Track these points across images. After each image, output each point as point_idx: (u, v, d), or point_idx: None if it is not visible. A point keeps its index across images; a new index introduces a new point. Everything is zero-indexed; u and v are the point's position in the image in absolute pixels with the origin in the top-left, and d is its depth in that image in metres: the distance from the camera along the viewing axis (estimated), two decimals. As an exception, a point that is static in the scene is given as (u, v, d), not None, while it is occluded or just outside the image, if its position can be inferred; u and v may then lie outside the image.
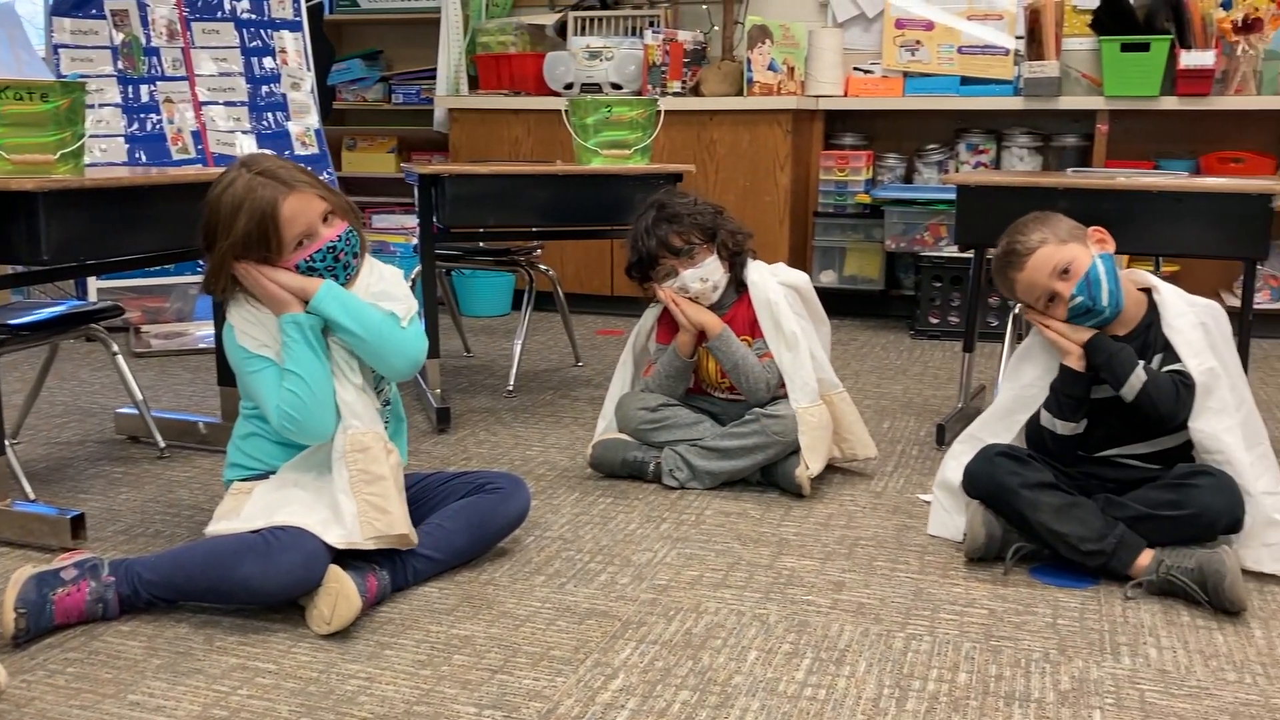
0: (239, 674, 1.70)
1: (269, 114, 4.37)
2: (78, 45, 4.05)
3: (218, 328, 2.42)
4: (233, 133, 4.29)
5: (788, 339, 2.52)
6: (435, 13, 5.03)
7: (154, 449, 2.82)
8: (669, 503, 2.47)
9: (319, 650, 1.78)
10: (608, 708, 1.61)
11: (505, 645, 1.80)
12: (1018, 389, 2.23)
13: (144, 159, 4.10)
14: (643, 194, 2.73)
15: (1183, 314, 2.11)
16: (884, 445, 2.89)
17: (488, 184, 3.06)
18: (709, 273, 2.57)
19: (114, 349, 2.80)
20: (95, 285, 4.10)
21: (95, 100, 3.98)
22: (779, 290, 2.57)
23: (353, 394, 1.96)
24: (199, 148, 4.22)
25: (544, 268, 3.80)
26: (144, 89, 4.15)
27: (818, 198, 4.66)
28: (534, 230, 3.63)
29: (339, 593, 1.82)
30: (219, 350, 2.64)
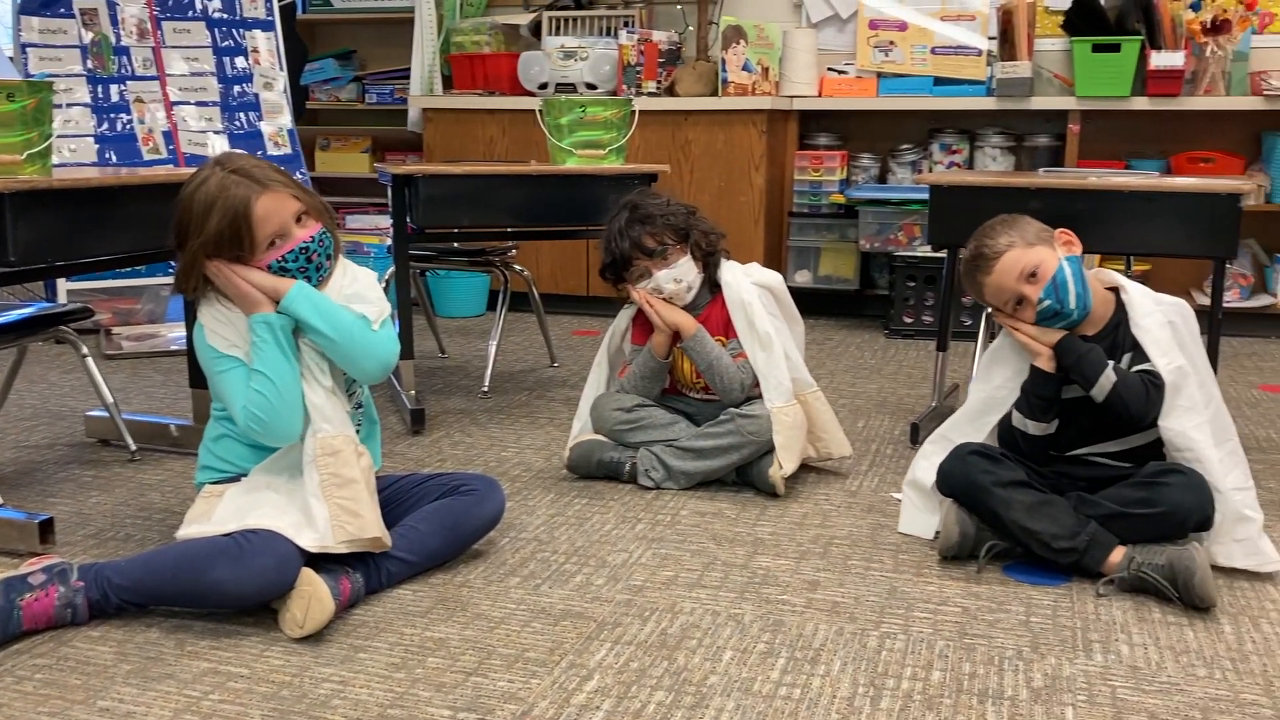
0: (211, 678, 1.69)
1: (241, 114, 4.34)
2: (46, 44, 4.01)
3: (189, 329, 2.40)
4: (204, 133, 4.25)
5: (762, 339, 2.52)
6: (409, 12, 5.01)
7: (125, 452, 2.79)
8: (644, 503, 2.47)
9: (292, 654, 1.76)
10: (583, 709, 1.60)
11: (480, 647, 1.79)
12: (988, 390, 2.24)
13: (114, 159, 4.06)
14: (617, 194, 2.73)
15: (1150, 313, 2.13)
16: (858, 444, 2.90)
17: (461, 184, 3.05)
18: (683, 273, 2.57)
19: (84, 351, 2.77)
20: (65, 287, 4.06)
21: (64, 100, 3.94)
22: (752, 290, 2.57)
23: (322, 397, 1.95)
24: (170, 148, 4.18)
25: (519, 268, 3.79)
26: (114, 88, 4.12)
27: (793, 198, 4.68)
28: (509, 230, 3.62)
29: (312, 596, 1.81)
30: (191, 352, 2.62)
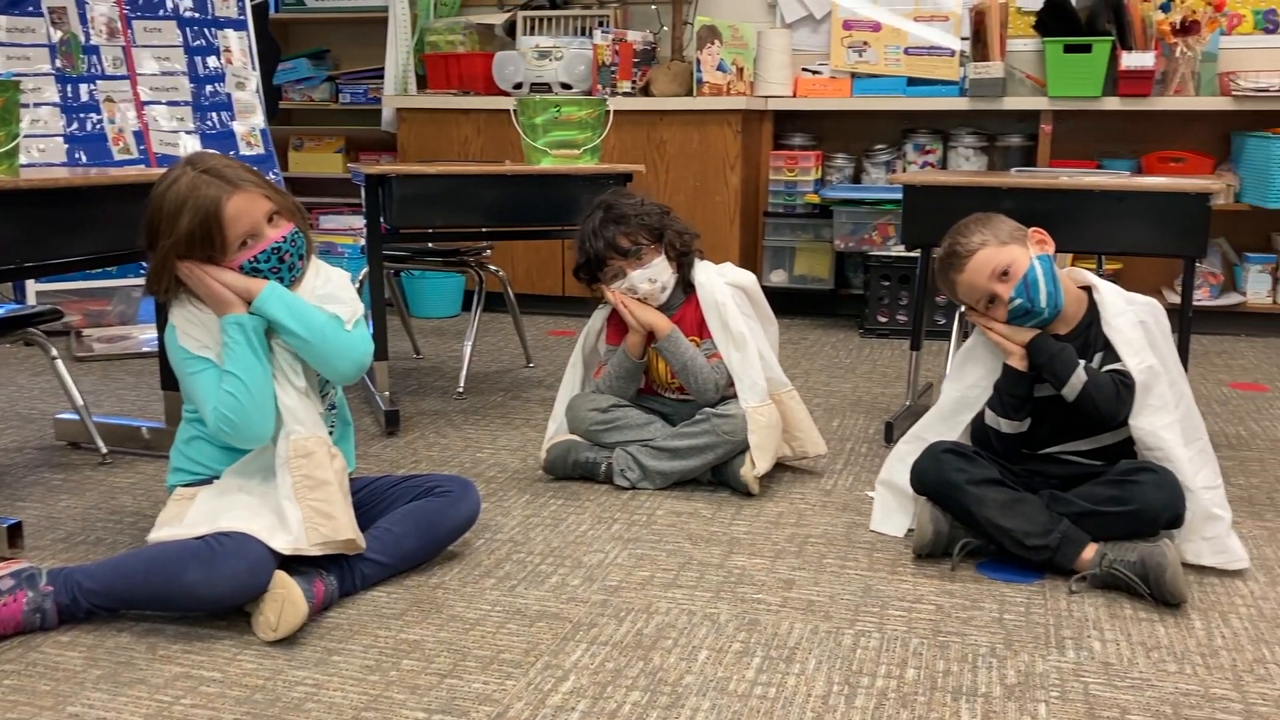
0: (182, 683, 1.67)
1: (213, 114, 4.31)
2: (14, 43, 3.97)
3: (161, 330, 2.38)
4: (176, 133, 4.22)
5: (736, 339, 2.53)
6: (383, 12, 4.99)
7: (95, 455, 2.76)
8: (620, 503, 2.47)
9: (265, 657, 1.75)
10: (558, 710, 1.60)
11: (455, 649, 1.78)
12: (961, 389, 2.25)
13: (84, 159, 4.02)
14: (592, 194, 2.72)
15: (1122, 313, 2.15)
16: (833, 443, 2.90)
17: (435, 184, 3.04)
18: (657, 273, 2.57)
19: (53, 353, 2.75)
20: (34, 288, 4.02)
21: (31, 99, 3.90)
22: (726, 291, 2.58)
23: (295, 399, 1.94)
24: (141, 148, 4.15)
25: (494, 268, 3.79)
26: (83, 88, 4.08)
27: (767, 198, 4.69)
28: (483, 231, 3.61)
29: (285, 599, 1.80)
30: (163, 354, 2.59)
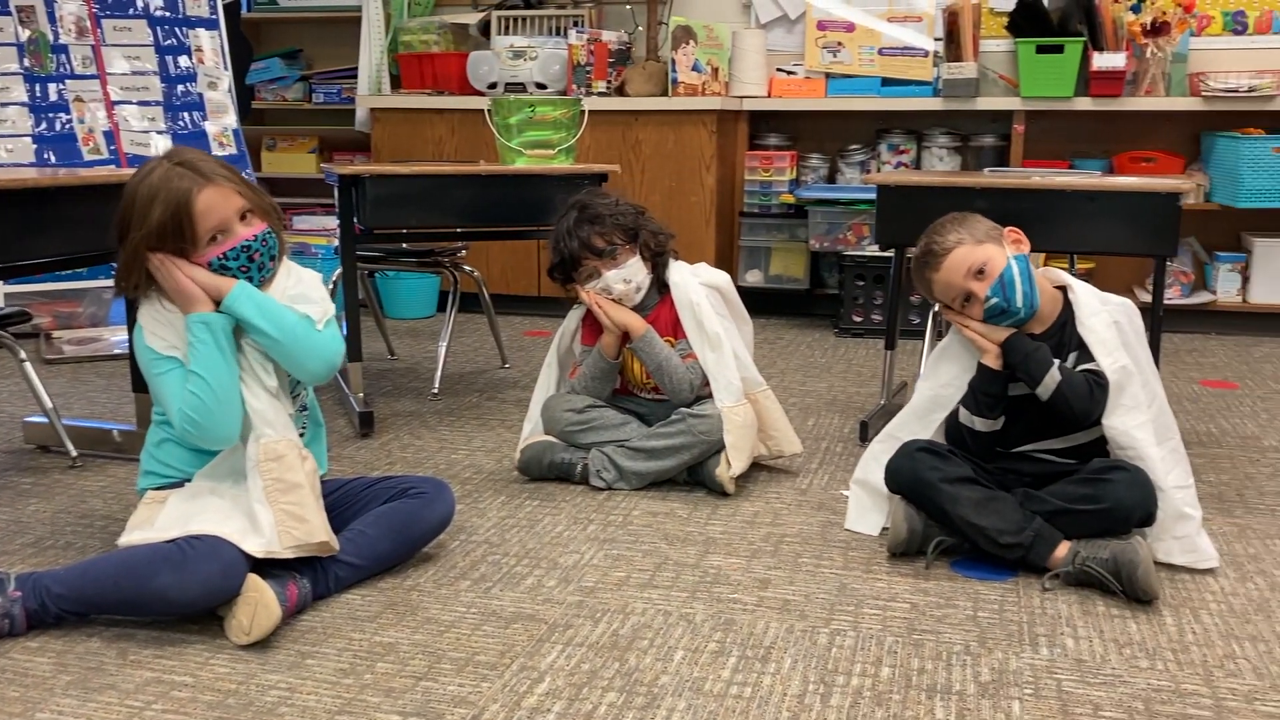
0: (154, 688, 1.66)
1: (185, 114, 4.27)
2: (-19, 42, 3.92)
3: (132, 332, 2.36)
4: (147, 133, 4.18)
5: (710, 339, 2.53)
6: (356, 11, 4.96)
7: (65, 458, 2.74)
8: (596, 504, 2.46)
9: (238, 661, 1.74)
10: (534, 712, 1.60)
11: (430, 651, 1.78)
12: (935, 388, 2.26)
13: (53, 160, 3.98)
14: (567, 194, 2.72)
15: (1096, 312, 2.16)
16: (809, 442, 2.91)
17: (409, 184, 3.02)
18: (631, 274, 2.57)
19: (21, 356, 2.72)
20: (3, 290, 3.97)
21: None
22: (701, 291, 2.58)
23: (264, 401, 1.92)
24: (112, 148, 4.11)
25: (469, 269, 3.77)
26: (52, 87, 4.03)
27: (743, 198, 4.69)
28: (458, 231, 3.60)
29: (258, 602, 1.78)
30: (134, 355, 2.57)
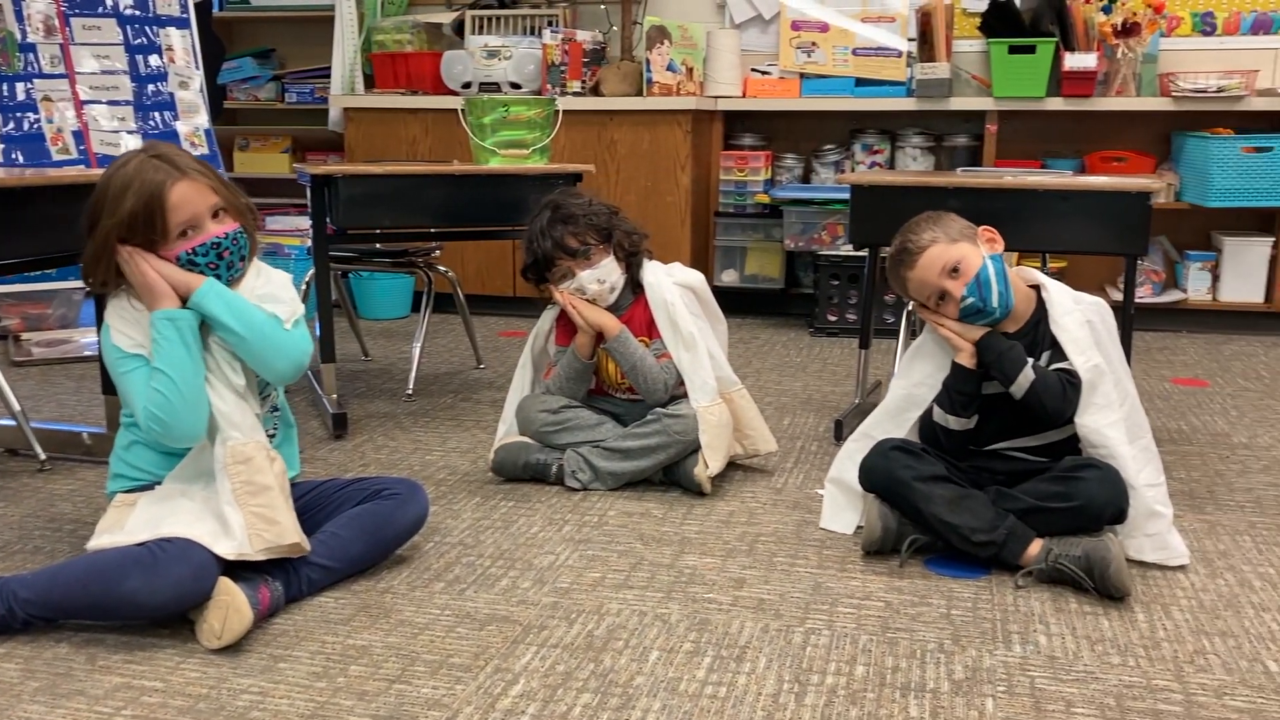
0: (123, 694, 1.64)
1: (156, 113, 4.23)
2: (-52, 41, 3.88)
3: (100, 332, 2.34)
4: (117, 133, 4.14)
5: (685, 339, 2.53)
6: (329, 10, 4.94)
7: (34, 461, 2.70)
8: (571, 505, 2.46)
9: (209, 665, 1.72)
10: (508, 714, 1.59)
11: (403, 654, 1.77)
12: (909, 386, 2.27)
13: (21, 160, 3.94)
14: (541, 194, 2.71)
15: (1069, 312, 2.17)
16: (784, 441, 2.92)
17: (382, 184, 3.01)
18: (605, 274, 2.56)
19: (-11, 358, 2.69)
20: (-30, 292, 3.93)
21: (-33, 98, 3.81)
22: (675, 291, 2.57)
23: (230, 403, 1.91)
24: (81, 148, 4.07)
25: (443, 269, 3.76)
26: (20, 86, 3.99)
27: (718, 198, 4.70)
28: (432, 231, 3.58)
29: (229, 605, 1.77)
30: (103, 357, 2.55)
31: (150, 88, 4.22)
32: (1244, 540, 2.26)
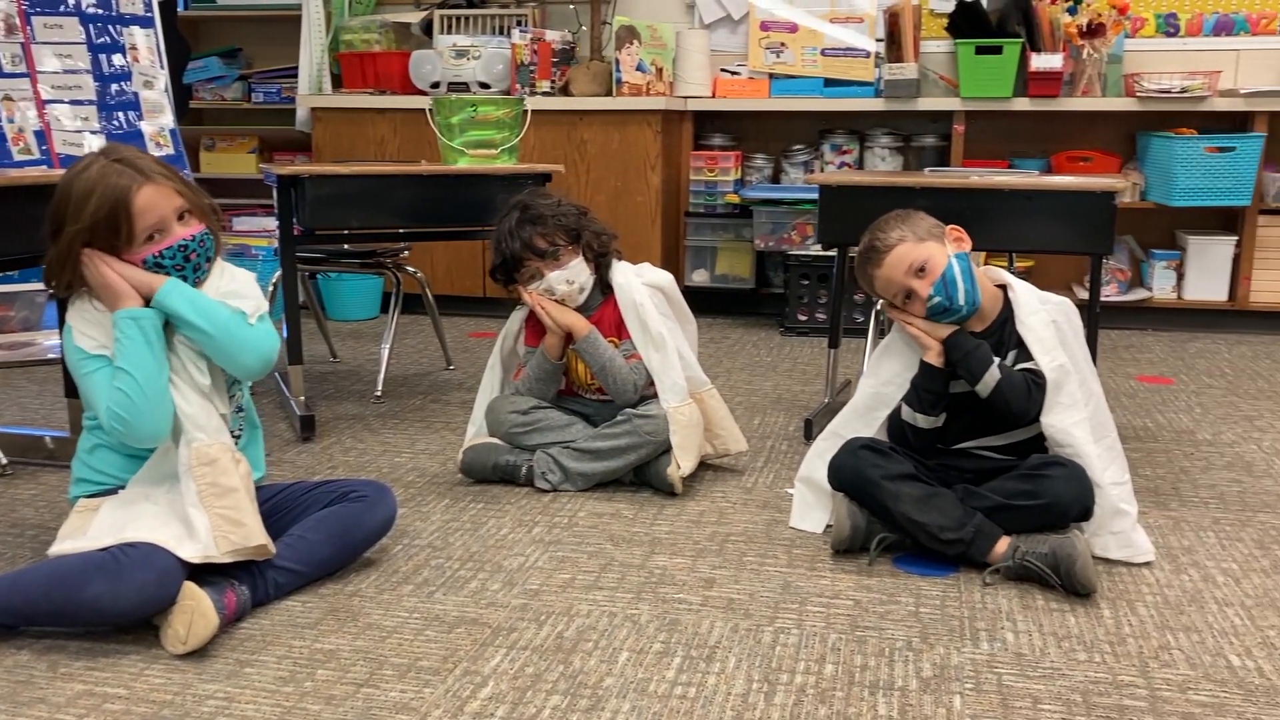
0: (85, 700, 1.62)
1: (120, 113, 4.18)
2: (-94, 39, 3.82)
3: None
4: (80, 132, 4.09)
5: (655, 339, 2.53)
6: (296, 10, 4.90)
7: (-4, 466, 2.67)
8: (541, 506, 2.45)
9: (174, 671, 1.70)
10: (477, 717, 1.58)
11: (371, 658, 1.75)
12: (877, 385, 2.28)
13: (-18, 160, 3.88)
14: (510, 194, 2.70)
15: (1035, 312, 2.19)
16: (754, 441, 2.92)
17: (349, 184, 2.99)
18: (574, 274, 2.56)
19: (-51, 361, 2.65)
20: (-70, 294, 3.87)
21: (-74, 98, 3.75)
22: (644, 291, 2.57)
23: (195, 404, 1.89)
24: (43, 148, 4.01)
25: (411, 270, 3.74)
26: (-19, 86, 3.93)
27: (688, 198, 4.70)
28: (401, 231, 3.56)
29: (195, 610, 1.75)
30: (65, 359, 2.52)
31: (114, 87, 4.17)
32: (1208, 536, 2.28)
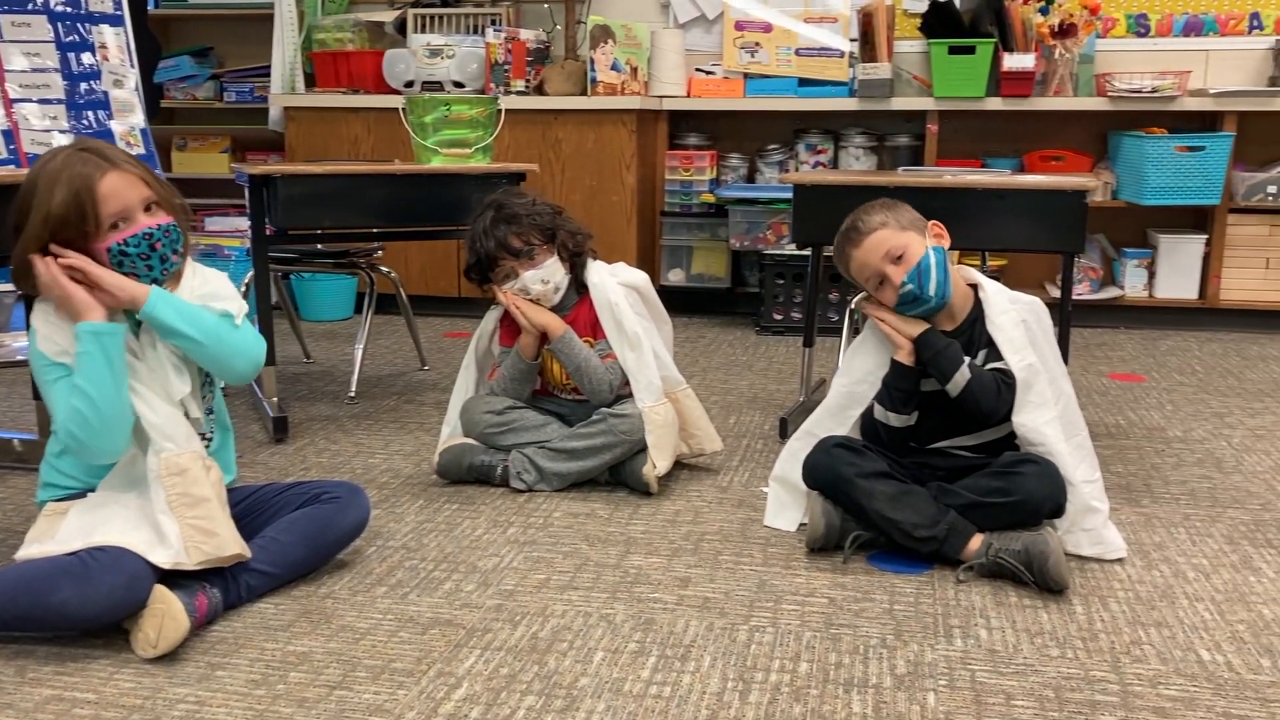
0: (54, 706, 1.60)
1: (90, 112, 4.14)
2: None
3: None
4: (49, 132, 4.04)
5: (630, 339, 2.52)
6: (268, 8, 4.86)
7: (-37, 469, 2.64)
8: (516, 506, 2.44)
9: (144, 675, 1.69)
10: (451, 718, 1.58)
11: (345, 660, 1.74)
12: (849, 384, 2.29)
13: (-51, 160, 3.83)
14: (484, 193, 2.69)
15: (1005, 311, 2.20)
16: (730, 440, 2.92)
17: (322, 184, 2.97)
18: (549, 274, 2.55)
19: (-85, 363, 2.61)
20: (-103, 295, 3.82)
21: (-108, 97, 3.71)
22: (619, 291, 2.57)
23: (163, 414, 1.87)
24: (11, 148, 3.96)
25: (385, 270, 3.72)
26: (-53, 85, 3.88)
27: (664, 197, 4.70)
28: (374, 231, 3.55)
29: (165, 613, 1.73)
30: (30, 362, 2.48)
31: (83, 86, 4.13)
32: (1178, 532, 2.30)
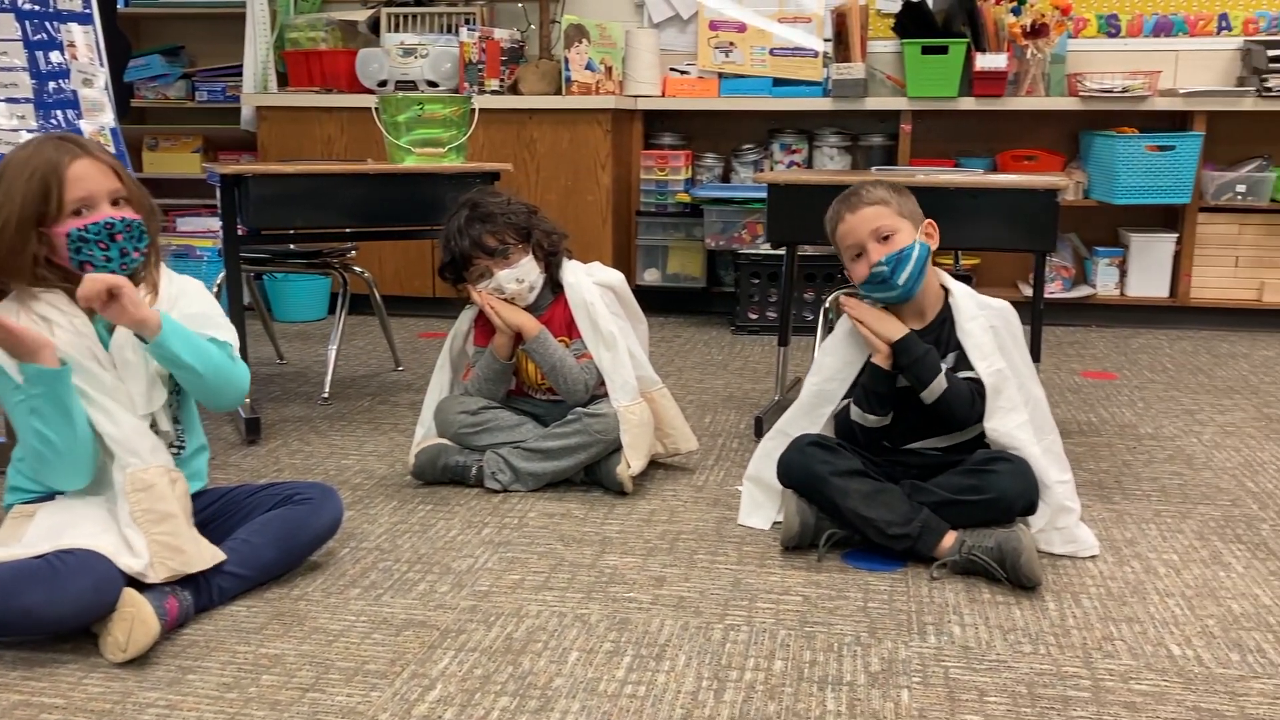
0: (21, 711, 1.58)
1: (59, 111, 4.09)
2: None
3: None
4: (17, 131, 4.00)
5: (606, 339, 2.52)
6: (240, 7, 4.83)
7: (-71, 473, 2.60)
8: (491, 507, 2.43)
9: (113, 679, 1.67)
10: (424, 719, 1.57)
11: (317, 662, 1.73)
12: (820, 383, 2.30)
13: (-85, 159, 3.78)
14: (458, 193, 2.68)
15: (974, 318, 2.21)
16: (705, 439, 2.92)
17: (294, 184, 2.95)
18: (524, 273, 2.54)
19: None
20: None
21: None
22: (595, 291, 2.57)
23: (128, 429, 1.86)
24: (-21, 147, 3.92)
25: (359, 270, 3.70)
26: (-87, 84, 3.83)
27: (639, 197, 4.70)
28: (347, 231, 3.53)
29: (135, 617, 1.72)
30: (1, 364, 2.46)
31: (51, 85, 4.09)
32: (1149, 529, 2.32)
